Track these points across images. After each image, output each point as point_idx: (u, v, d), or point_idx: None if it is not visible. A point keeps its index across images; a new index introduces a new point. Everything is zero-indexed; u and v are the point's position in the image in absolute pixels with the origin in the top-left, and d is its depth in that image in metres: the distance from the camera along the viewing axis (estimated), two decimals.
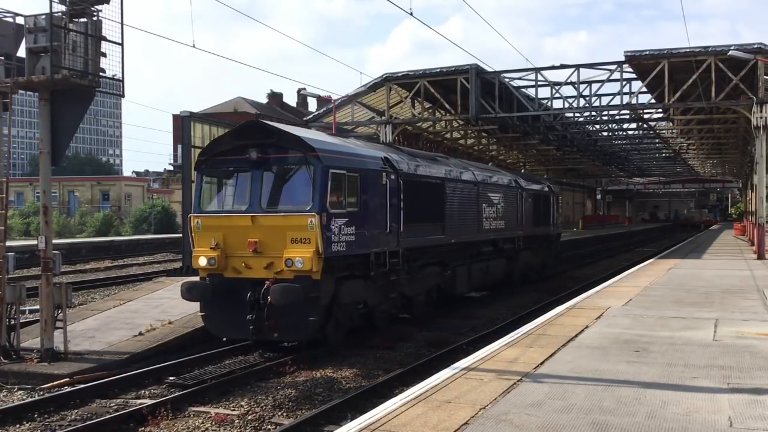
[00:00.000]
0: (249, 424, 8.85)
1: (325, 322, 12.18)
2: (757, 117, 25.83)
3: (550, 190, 26.70)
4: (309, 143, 12.05)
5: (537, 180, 27.18)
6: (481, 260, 19.26)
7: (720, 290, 15.90)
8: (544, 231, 25.50)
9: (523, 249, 22.67)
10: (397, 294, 14.45)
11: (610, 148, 51.16)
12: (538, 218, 24.49)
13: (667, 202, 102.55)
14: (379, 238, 13.35)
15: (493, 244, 20.10)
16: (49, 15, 11.21)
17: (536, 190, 24.78)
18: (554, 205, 26.91)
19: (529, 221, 23.20)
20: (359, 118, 33.82)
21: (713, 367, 8.19)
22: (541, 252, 25.40)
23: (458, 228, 17.24)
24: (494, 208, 19.85)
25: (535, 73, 29.15)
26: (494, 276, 20.46)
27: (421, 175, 15.57)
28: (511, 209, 21.51)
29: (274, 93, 63.04)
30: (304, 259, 11.49)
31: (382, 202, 13.53)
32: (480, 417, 6.29)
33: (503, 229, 20.67)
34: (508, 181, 21.95)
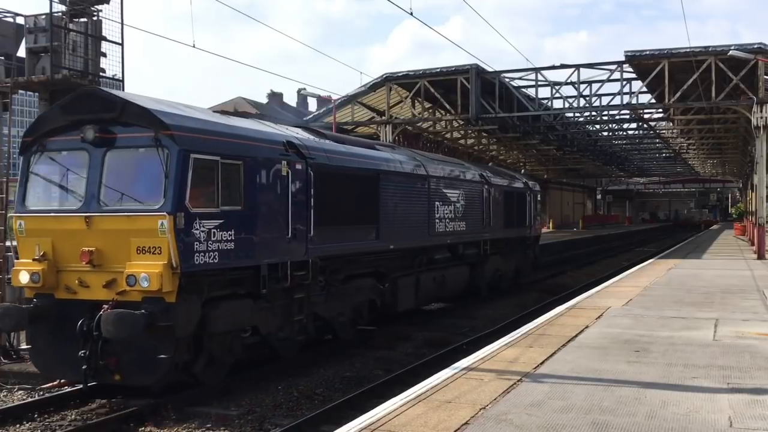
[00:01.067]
0: (249, 424, 8.85)
1: (192, 358, 9.53)
2: (757, 117, 25.83)
3: (527, 187, 23.74)
4: (161, 118, 9.06)
5: (510, 175, 24.04)
6: (435, 269, 16.32)
7: (720, 290, 15.90)
8: (519, 233, 22.54)
9: (492, 254, 19.86)
10: (308, 315, 11.64)
11: (610, 148, 51.17)
12: (511, 219, 21.46)
13: (668, 202, 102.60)
14: (275, 246, 10.52)
15: (450, 249, 17.27)
16: (49, 15, 11.22)
17: (509, 187, 21.77)
18: (532, 203, 23.91)
19: (498, 222, 20.24)
20: (359, 118, 33.82)
21: (713, 367, 8.19)
22: (516, 257, 22.51)
23: (399, 231, 14.31)
24: (451, 207, 16.91)
25: (535, 73, 29.14)
26: (453, 286, 17.51)
27: (343, 167, 12.55)
28: (475, 208, 18.55)
29: (274, 93, 63.03)
30: (151, 276, 8.65)
31: (282, 198, 10.67)
32: (480, 417, 6.29)
33: (464, 232, 17.66)
34: (472, 176, 18.87)
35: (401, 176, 14.75)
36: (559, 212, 71.37)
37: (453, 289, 17.67)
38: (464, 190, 17.86)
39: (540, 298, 21.23)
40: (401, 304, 14.81)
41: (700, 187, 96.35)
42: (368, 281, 13.74)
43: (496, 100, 28.88)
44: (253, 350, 11.33)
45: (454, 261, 17.46)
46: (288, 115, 54.12)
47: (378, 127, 31.75)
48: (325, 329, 12.76)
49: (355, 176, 12.89)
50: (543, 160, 56.19)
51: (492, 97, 28.92)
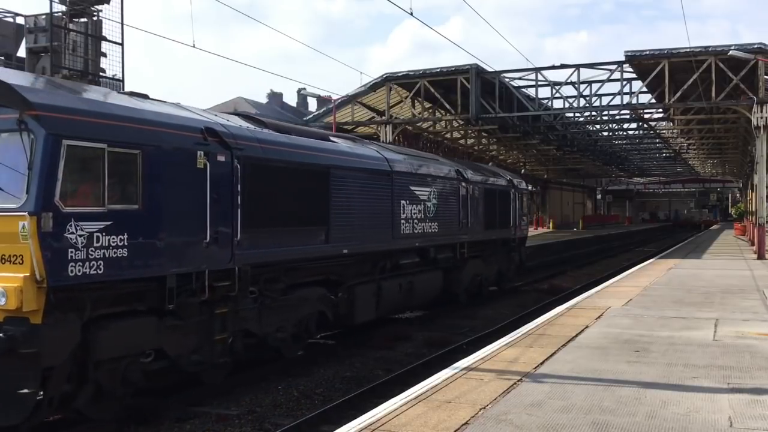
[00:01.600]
0: (249, 424, 8.85)
1: (74, 391, 8.03)
2: (757, 117, 25.84)
3: (511, 185, 21.80)
4: (25, 95, 7.43)
5: (492, 172, 21.97)
6: (401, 275, 14.66)
7: (720, 290, 15.90)
8: (503, 235, 20.72)
9: (471, 258, 18.16)
10: (235, 332, 9.92)
11: (610, 148, 51.20)
12: (493, 219, 19.75)
13: (668, 202, 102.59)
14: (187, 252, 8.80)
15: (420, 253, 15.60)
16: (49, 15, 11.22)
17: (490, 185, 19.93)
18: (517, 202, 22.05)
19: (478, 223, 18.50)
20: (359, 118, 33.84)
21: (713, 367, 8.19)
22: (498, 260, 20.81)
23: (356, 233, 12.63)
24: (421, 207, 15.15)
25: (535, 73, 29.16)
26: (424, 294, 15.87)
27: (283, 160, 10.79)
28: (450, 208, 16.79)
29: (274, 93, 62.92)
30: (8, 291, 7.08)
31: (197, 196, 8.95)
32: (480, 417, 6.29)
33: (437, 234, 15.94)
34: (447, 172, 16.99)
35: (358, 172, 12.91)
36: (559, 212, 71.38)
37: (424, 297, 16.00)
38: (437, 188, 16.06)
39: (539, 298, 21.23)
40: (359, 314, 13.12)
41: (700, 187, 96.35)
42: (316, 291, 12.01)
43: (496, 100, 28.89)
44: (253, 350, 11.33)
45: (425, 266, 15.78)
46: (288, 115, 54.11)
47: (378, 127, 31.76)
48: (263, 347, 11.06)
49: (299, 171, 11.14)
50: (543, 160, 56.21)
51: (492, 97, 28.94)
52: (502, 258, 21.16)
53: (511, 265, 21.95)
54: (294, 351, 11.74)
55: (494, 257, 20.31)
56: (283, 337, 11.13)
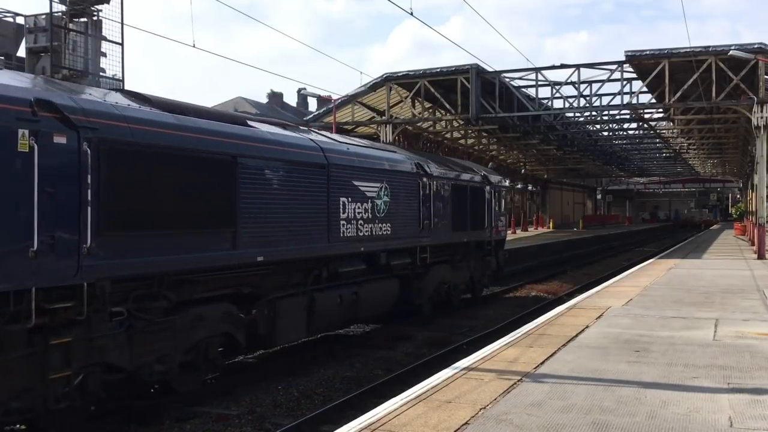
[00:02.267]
0: (249, 423, 8.85)
1: None
2: (757, 117, 25.85)
3: (486, 182, 19.51)
4: None
5: (464, 166, 19.62)
6: (342, 285, 12.56)
7: (720, 290, 15.90)
8: (476, 237, 18.53)
9: (435, 263, 16.15)
10: (87, 367, 7.77)
11: (611, 148, 51.20)
12: (464, 220, 17.58)
13: (668, 202, 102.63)
14: (2, 264, 6.77)
15: (367, 259, 13.39)
16: (49, 15, 11.21)
17: (460, 181, 17.69)
18: (494, 200, 19.85)
19: (445, 224, 16.40)
20: (359, 118, 33.84)
21: (713, 367, 8.19)
22: (471, 266, 18.61)
23: (276, 237, 10.41)
24: (368, 206, 13.09)
25: (535, 73, 29.16)
26: (374, 305, 13.81)
27: (163, 145, 8.64)
28: (408, 207, 14.68)
29: (274, 93, 63.04)
30: None
31: (18, 189, 6.90)
32: (480, 417, 6.28)
33: (390, 237, 13.86)
34: (403, 166, 14.80)
35: (281, 163, 10.72)
36: (559, 212, 71.41)
37: (374, 309, 13.91)
38: (390, 184, 13.92)
39: (539, 298, 21.23)
40: (283, 334, 11.08)
41: (700, 187, 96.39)
42: (219, 308, 9.73)
43: (496, 100, 28.89)
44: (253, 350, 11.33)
45: (375, 274, 13.70)
46: (288, 114, 54.13)
47: (378, 127, 31.76)
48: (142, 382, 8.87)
49: (192, 160, 9.01)
50: (543, 160, 56.22)
51: (492, 97, 28.94)
52: (476, 263, 18.98)
53: (486, 271, 19.75)
54: (190, 383, 9.47)
55: (466, 262, 18.20)
56: (167, 369, 8.83)
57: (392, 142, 29.92)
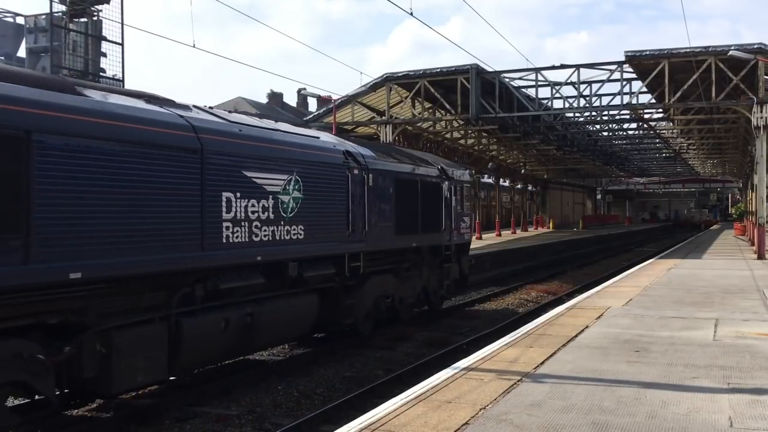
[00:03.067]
0: (249, 424, 8.86)
1: None
2: (757, 117, 25.85)
3: (444, 176, 16.74)
4: None
5: (413, 157, 16.48)
6: (228, 306, 9.85)
7: (720, 290, 15.89)
8: (430, 241, 15.92)
9: (374, 273, 13.66)
10: None
11: (611, 148, 51.21)
12: (412, 220, 14.93)
13: (668, 202, 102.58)
14: None
15: (271, 271, 10.69)
16: (49, 15, 11.23)
17: (407, 174, 14.95)
18: (454, 198, 17.13)
19: (385, 226, 13.78)
20: (359, 118, 33.83)
21: (713, 367, 8.19)
22: (424, 275, 15.92)
23: (106, 244, 7.86)
24: (268, 203, 10.38)
25: (535, 73, 29.16)
26: (281, 329, 11.16)
27: None
28: (332, 205, 12.07)
29: (274, 93, 62.97)
30: None
31: None
32: (480, 417, 6.29)
33: (303, 242, 11.19)
34: (324, 155, 12.04)
35: (116, 144, 8.06)
36: (559, 212, 71.42)
37: (281, 333, 11.34)
38: (303, 176, 11.19)
39: (539, 299, 21.23)
40: (125, 377, 8.26)
41: (700, 187, 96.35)
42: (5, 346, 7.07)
43: (496, 100, 28.89)
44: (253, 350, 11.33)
45: (282, 288, 11.07)
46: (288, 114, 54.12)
47: (378, 127, 31.76)
48: None
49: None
50: (543, 160, 56.21)
51: (492, 97, 28.94)
52: (431, 271, 16.35)
53: (444, 280, 17.03)
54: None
55: (417, 271, 15.58)
56: None
57: (392, 142, 29.91)
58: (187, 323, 9.11)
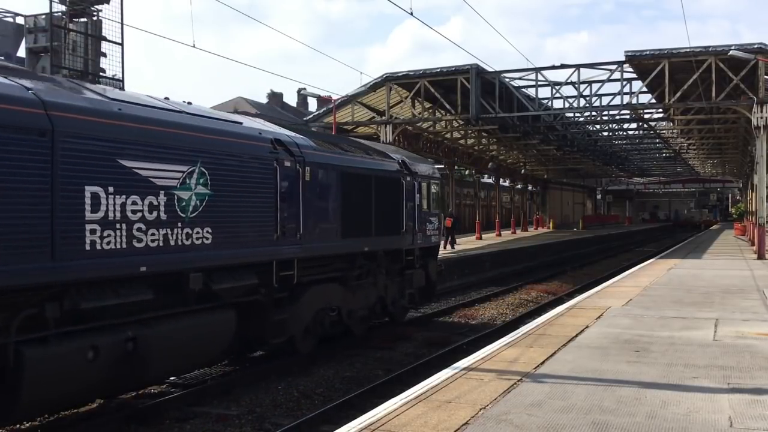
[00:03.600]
0: (249, 423, 8.86)
1: None
2: (757, 117, 25.85)
3: (405, 171, 14.82)
4: None
5: (366, 148, 14.55)
6: (99, 330, 7.92)
7: (720, 290, 15.89)
8: (387, 244, 14.07)
9: (313, 283, 11.80)
10: None
11: (611, 148, 51.21)
12: (364, 221, 13.17)
13: (668, 202, 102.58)
14: None
15: (165, 284, 8.78)
16: (49, 15, 11.21)
17: (357, 168, 13.03)
18: (419, 196, 15.34)
19: (327, 228, 11.93)
20: (359, 118, 33.83)
21: (713, 367, 8.19)
22: (380, 283, 14.09)
23: None
24: (160, 200, 8.55)
25: (535, 73, 29.15)
26: (182, 355, 9.20)
27: None
28: (254, 203, 10.14)
29: (274, 93, 62.99)
30: None
31: None
32: (480, 417, 6.29)
33: (211, 248, 9.29)
34: (242, 142, 10.10)
35: None
36: (559, 212, 71.42)
37: (183, 360, 9.35)
38: (212, 167, 9.31)
39: (539, 299, 21.24)
40: None
41: (700, 187, 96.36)
42: None
43: (496, 100, 28.88)
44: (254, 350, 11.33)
45: (185, 304, 9.13)
46: (288, 114, 54.14)
47: (378, 127, 31.75)
48: None
49: None
50: (543, 160, 56.19)
51: (492, 97, 28.93)
52: (390, 279, 14.51)
53: (406, 288, 15.11)
54: None
55: (371, 279, 13.78)
56: None
57: (392, 142, 29.90)
58: (31, 354, 7.08)
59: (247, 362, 11.92)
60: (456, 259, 26.41)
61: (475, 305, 19.34)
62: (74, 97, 7.99)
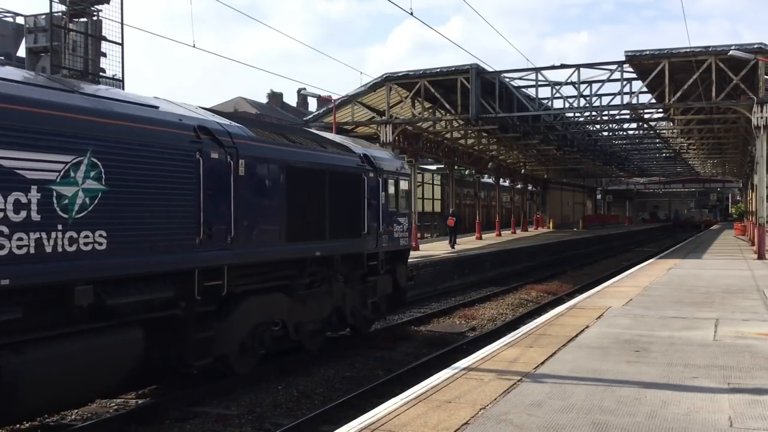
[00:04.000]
0: (249, 423, 8.86)
1: None
2: (757, 117, 25.84)
3: (367, 165, 13.35)
4: None
5: (319, 139, 13.09)
6: None
7: (720, 290, 15.89)
8: (345, 248, 12.53)
9: (250, 294, 10.29)
10: None
11: (611, 148, 51.19)
12: (317, 222, 11.63)
13: (668, 202, 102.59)
14: None
15: (42, 300, 7.41)
16: (49, 15, 11.20)
17: (307, 162, 11.45)
18: (383, 194, 13.81)
19: (267, 230, 10.50)
20: (359, 118, 33.82)
21: (713, 367, 8.19)
22: (336, 292, 12.50)
23: None
24: (26, 196, 7.01)
25: (535, 73, 29.14)
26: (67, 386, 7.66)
27: None
28: (167, 201, 8.72)
29: (274, 93, 63.00)
30: None
31: None
32: (480, 417, 6.28)
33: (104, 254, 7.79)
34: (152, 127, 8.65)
35: None
36: (559, 212, 71.42)
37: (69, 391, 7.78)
38: (104, 158, 7.81)
39: (539, 299, 21.23)
40: None
41: (700, 187, 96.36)
42: None
43: (496, 100, 28.87)
44: None
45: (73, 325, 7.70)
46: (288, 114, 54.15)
47: (378, 127, 31.75)
48: None
49: None
50: (543, 160, 56.17)
51: (492, 97, 28.92)
52: (350, 287, 12.97)
53: (369, 297, 13.53)
54: None
55: (326, 287, 12.18)
56: None
57: (392, 142, 29.89)
58: None
59: None
60: (456, 258, 26.42)
61: (475, 305, 19.34)
62: None
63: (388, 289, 14.30)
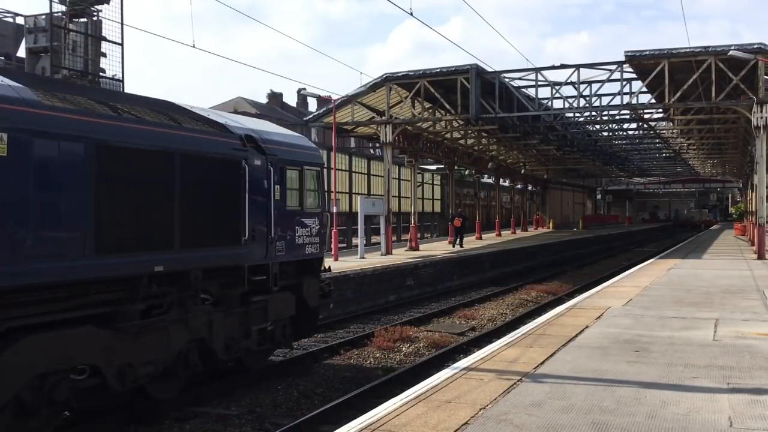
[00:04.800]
0: (249, 423, 8.86)
1: None
2: (757, 117, 25.84)
3: (253, 149, 10.27)
4: None
5: (165, 110, 9.46)
6: None
7: (720, 290, 15.89)
8: (206, 260, 9.36)
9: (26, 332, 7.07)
10: None
11: (610, 148, 51.18)
12: (156, 224, 8.53)
13: (668, 202, 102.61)
14: None
15: None
16: (49, 15, 11.21)
17: (132, 140, 8.16)
18: (278, 187, 10.75)
19: (68, 238, 7.30)
20: (359, 118, 33.82)
21: (713, 367, 8.19)
22: (200, 321, 9.38)
23: None
24: None
25: (535, 73, 29.14)
26: None
27: None
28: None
29: (274, 93, 63.03)
30: None
31: None
32: (480, 417, 6.29)
33: None
34: None
35: None
36: (559, 212, 71.42)
37: None
38: None
39: (539, 299, 21.21)
40: None
41: (700, 187, 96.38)
42: None
43: (496, 100, 28.86)
44: None
45: None
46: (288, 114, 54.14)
47: (378, 127, 31.75)
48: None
49: None
50: (543, 160, 56.17)
51: (492, 97, 28.91)
52: (223, 311, 9.88)
53: (253, 325, 10.41)
54: None
55: (175, 314, 9.02)
56: None
57: (392, 142, 29.87)
58: None
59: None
60: (456, 259, 26.44)
61: (475, 305, 19.35)
62: None
63: (289, 310, 11.16)
